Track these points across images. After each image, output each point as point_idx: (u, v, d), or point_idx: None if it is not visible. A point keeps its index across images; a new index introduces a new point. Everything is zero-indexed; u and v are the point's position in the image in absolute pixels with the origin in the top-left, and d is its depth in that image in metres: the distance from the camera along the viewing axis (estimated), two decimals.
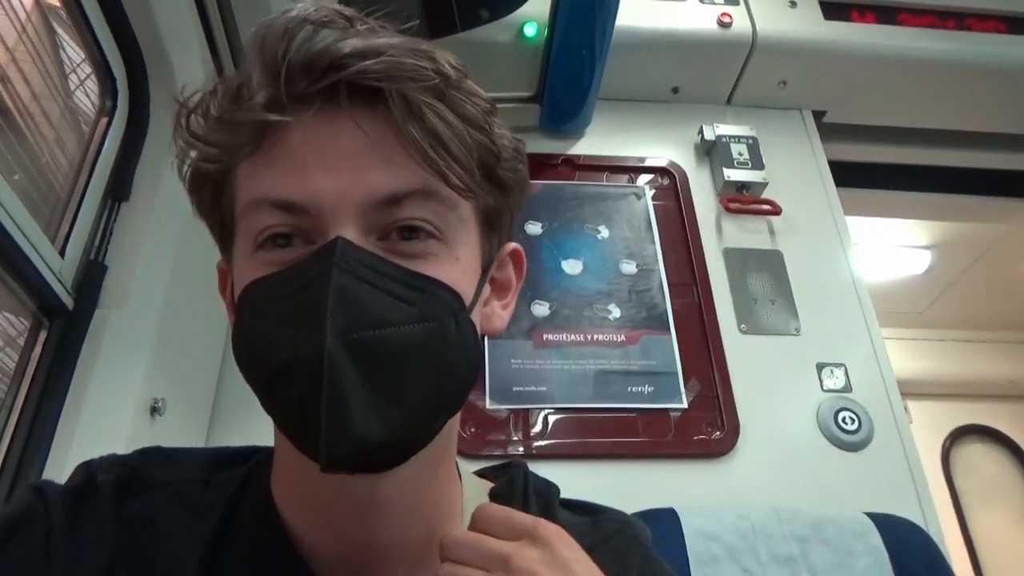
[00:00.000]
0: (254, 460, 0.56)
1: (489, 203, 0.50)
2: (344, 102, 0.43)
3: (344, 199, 0.43)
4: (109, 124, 1.10)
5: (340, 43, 0.42)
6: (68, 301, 0.95)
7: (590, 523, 0.62)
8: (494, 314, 0.54)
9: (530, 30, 1.54)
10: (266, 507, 0.52)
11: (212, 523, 0.51)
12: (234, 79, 0.45)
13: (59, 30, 1.10)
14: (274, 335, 0.43)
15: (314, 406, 0.41)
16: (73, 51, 1.11)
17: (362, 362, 0.41)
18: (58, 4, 1.06)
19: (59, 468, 0.84)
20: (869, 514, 1.18)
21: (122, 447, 0.87)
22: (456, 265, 0.47)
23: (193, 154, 0.47)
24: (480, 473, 0.64)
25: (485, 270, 0.51)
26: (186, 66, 1.16)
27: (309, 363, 0.41)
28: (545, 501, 0.61)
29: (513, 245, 0.56)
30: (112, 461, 0.53)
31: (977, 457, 3.12)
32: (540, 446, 1.27)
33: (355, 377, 0.41)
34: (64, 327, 0.94)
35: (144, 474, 0.53)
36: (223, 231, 0.50)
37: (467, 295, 0.47)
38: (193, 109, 0.46)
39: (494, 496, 0.59)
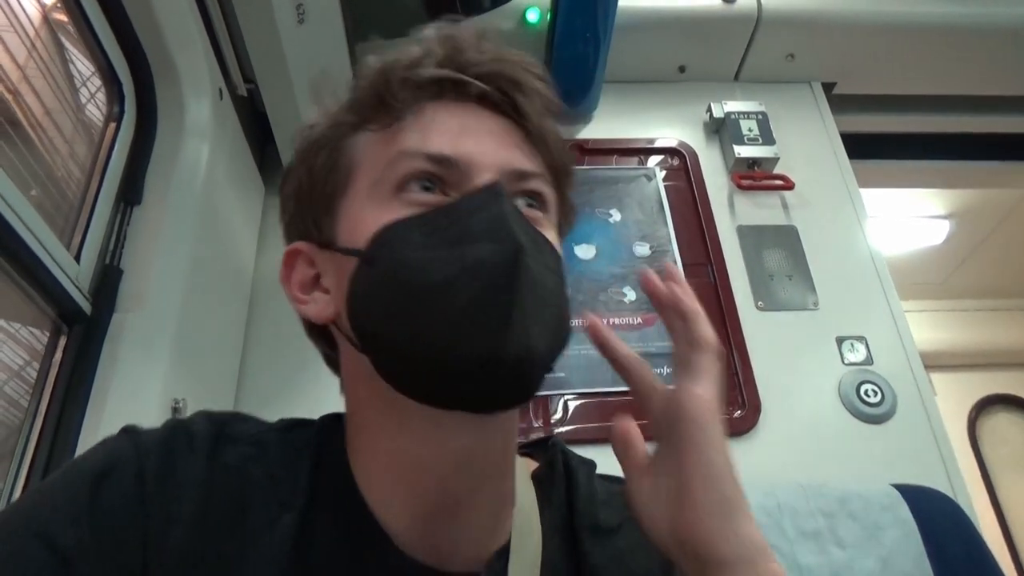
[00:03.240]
0: (315, 427, 0.57)
1: (564, 209, 0.58)
2: (497, 94, 0.52)
3: (489, 162, 0.50)
4: (118, 130, 1.11)
5: (489, 51, 0.53)
6: (86, 306, 0.96)
7: (621, 503, 0.62)
8: None
9: (533, 16, 1.53)
10: (345, 479, 0.53)
11: (300, 487, 0.52)
12: (392, 59, 0.52)
13: (67, 44, 1.11)
14: (442, 255, 0.46)
15: (507, 301, 0.44)
16: (83, 65, 1.11)
17: (529, 279, 0.45)
18: (65, 19, 1.07)
19: None
20: (896, 486, 1.17)
21: None
22: (555, 240, 0.53)
23: (314, 126, 0.54)
24: (519, 450, 0.63)
25: None
26: (191, 69, 1.17)
27: (503, 263, 0.45)
28: (588, 475, 0.63)
29: None
30: (204, 415, 0.54)
31: (1004, 427, 3.09)
32: (561, 432, 1.27)
33: (527, 289, 0.45)
34: (83, 332, 0.95)
35: (234, 429, 0.54)
36: (326, 200, 0.53)
37: None
38: (361, 74, 0.53)
39: (536, 479, 0.60)
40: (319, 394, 0.53)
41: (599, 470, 0.65)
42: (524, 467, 0.60)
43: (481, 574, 0.53)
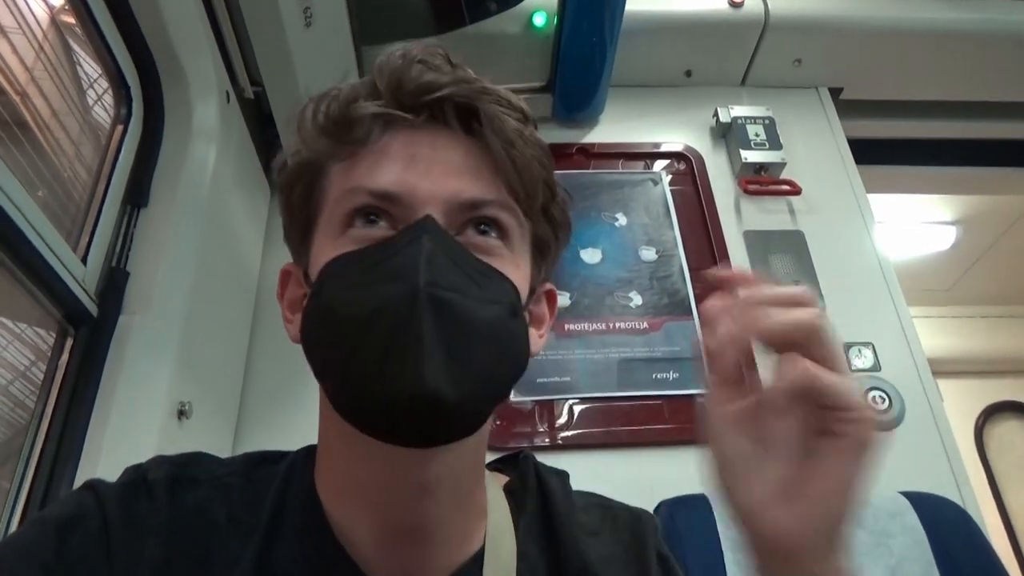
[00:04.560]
0: (289, 458, 0.58)
1: (541, 232, 0.56)
2: (450, 118, 0.51)
3: (434, 195, 0.49)
4: (125, 132, 1.11)
5: (448, 74, 0.51)
6: (92, 308, 0.96)
7: (601, 508, 0.64)
8: (531, 336, 0.56)
9: (539, 19, 1.53)
10: (312, 503, 0.54)
11: (262, 517, 0.53)
12: (347, 89, 0.52)
13: (75, 47, 1.11)
14: (360, 293, 0.46)
15: (403, 343, 0.44)
16: (90, 67, 1.12)
17: (443, 317, 0.45)
18: (73, 21, 1.07)
19: (90, 472, 0.84)
20: (905, 493, 1.16)
21: (151, 450, 0.88)
22: (516, 270, 0.52)
23: (294, 156, 0.54)
24: (489, 466, 0.64)
25: (532, 291, 0.56)
26: (198, 72, 1.17)
27: (401, 305, 0.44)
28: (562, 484, 0.63)
29: (549, 285, 0.61)
30: (160, 460, 0.55)
31: (1011, 434, 3.07)
32: (566, 436, 1.27)
33: (436, 327, 0.44)
34: (90, 334, 0.95)
35: (191, 471, 0.55)
36: (304, 229, 0.54)
37: (523, 297, 0.52)
38: (317, 105, 0.52)
39: (508, 491, 0.61)
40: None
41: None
42: (495, 481, 0.61)
43: None
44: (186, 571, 0.50)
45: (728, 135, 1.66)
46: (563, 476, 0.65)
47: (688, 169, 1.62)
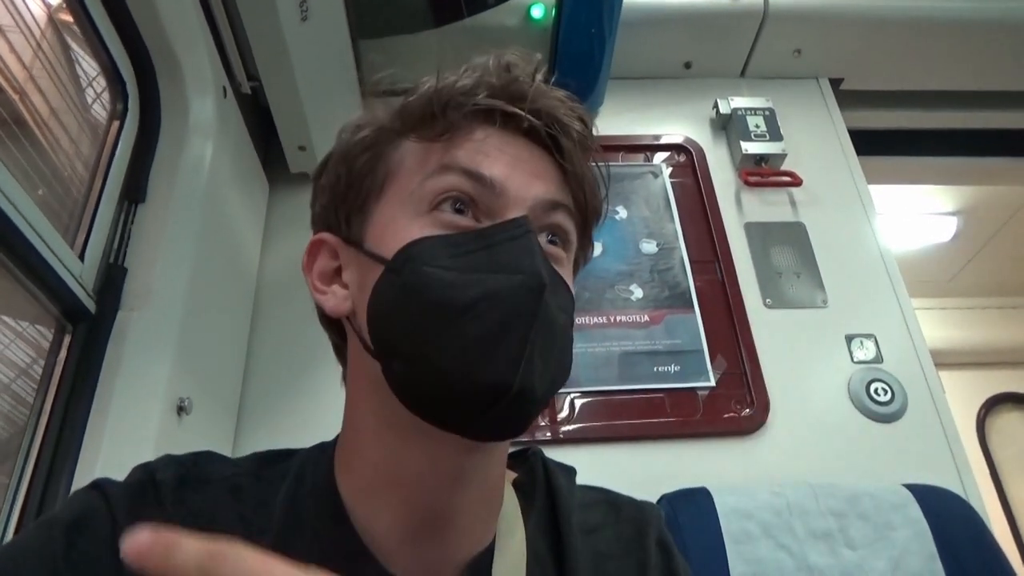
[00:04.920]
0: (300, 455, 0.58)
1: (585, 250, 0.60)
2: (542, 134, 0.53)
3: (524, 193, 0.51)
4: (121, 127, 1.10)
5: (548, 93, 0.54)
6: (90, 305, 0.96)
7: (607, 503, 0.64)
8: None
9: (537, 12, 1.52)
10: (331, 500, 0.53)
11: (274, 516, 0.52)
12: (451, 79, 0.53)
13: (73, 45, 1.10)
14: (465, 279, 0.47)
15: (521, 337, 0.45)
16: (89, 65, 1.11)
17: (546, 318, 0.47)
18: (71, 19, 1.06)
19: (90, 469, 0.84)
20: (907, 485, 1.16)
21: (151, 446, 0.88)
22: (570, 278, 0.55)
23: (364, 125, 0.55)
24: None
25: None
26: (194, 67, 1.16)
27: (525, 295, 0.46)
28: (568, 480, 0.64)
29: None
30: (168, 460, 0.55)
31: (1013, 425, 3.07)
32: (568, 430, 1.26)
33: (541, 328, 0.46)
34: (88, 330, 0.94)
35: (200, 472, 0.54)
36: (362, 199, 0.54)
37: None
38: (417, 88, 0.53)
39: (517, 487, 0.61)
40: (323, 392, 0.52)
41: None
42: (506, 477, 0.61)
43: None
44: None
45: (728, 127, 1.65)
46: (570, 472, 0.65)
47: (688, 161, 1.61)
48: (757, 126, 1.61)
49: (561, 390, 1.29)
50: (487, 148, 0.52)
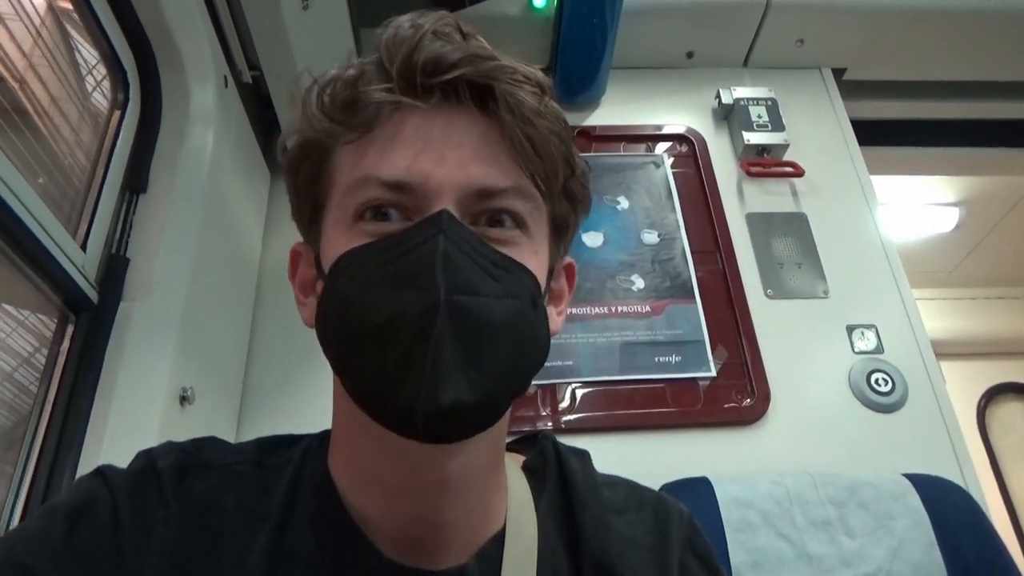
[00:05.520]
0: (303, 444, 0.58)
1: (560, 211, 0.54)
2: (464, 97, 0.48)
3: (448, 184, 0.47)
4: (122, 117, 1.10)
5: (461, 47, 0.48)
6: (93, 295, 0.96)
7: (628, 486, 0.64)
8: (551, 317, 0.55)
9: (539, 1, 1.52)
10: (327, 488, 0.53)
11: (275, 504, 0.52)
12: (354, 69, 0.50)
13: (73, 33, 1.10)
14: (376, 295, 0.45)
15: (420, 358, 0.43)
16: (89, 53, 1.11)
17: (459, 325, 0.44)
18: (70, 7, 1.06)
19: (93, 458, 0.85)
20: (907, 475, 1.16)
21: (154, 436, 0.89)
22: (535, 256, 0.50)
23: (298, 135, 0.52)
24: (508, 446, 0.64)
25: (551, 271, 0.55)
26: (195, 56, 1.16)
27: (418, 318, 0.43)
28: (583, 463, 0.63)
29: (569, 259, 0.60)
30: (170, 447, 0.55)
31: (1013, 415, 3.07)
32: (569, 420, 1.27)
33: (453, 338, 0.43)
34: (90, 321, 0.95)
35: (201, 458, 0.54)
36: (312, 211, 0.53)
37: (542, 285, 0.51)
38: (323, 87, 0.50)
39: (526, 469, 0.60)
40: (325, 380, 0.52)
41: (603, 458, 0.66)
42: (514, 461, 0.61)
43: (469, 565, 0.53)
44: (196, 559, 0.50)
45: (730, 117, 1.64)
46: (583, 456, 0.65)
47: (690, 151, 1.61)
48: (759, 116, 1.60)
49: (562, 380, 1.30)
50: (399, 139, 0.48)
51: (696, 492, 1.13)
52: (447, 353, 0.43)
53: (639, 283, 1.42)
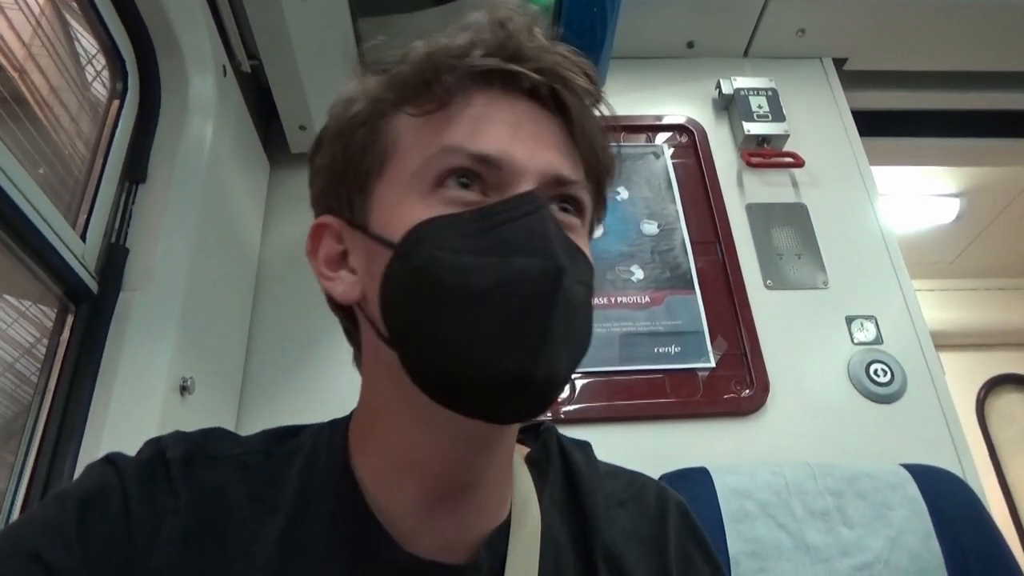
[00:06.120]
0: (310, 431, 0.57)
1: (599, 216, 0.57)
2: (546, 95, 0.51)
3: (532, 166, 0.48)
4: (121, 107, 1.09)
5: (552, 51, 0.51)
6: (92, 285, 0.96)
7: (629, 476, 0.64)
8: None
9: None
10: (347, 479, 0.53)
11: (286, 494, 0.52)
12: (443, 43, 0.50)
13: (72, 22, 1.09)
14: (478, 262, 0.45)
15: (536, 325, 0.44)
16: (88, 43, 1.10)
17: (565, 300, 0.45)
18: None
19: (94, 448, 0.85)
20: (905, 465, 1.17)
21: (154, 425, 0.89)
22: (586, 248, 0.52)
23: (348, 102, 0.53)
24: None
25: None
26: (194, 46, 1.16)
27: (538, 282, 0.44)
28: (585, 454, 0.63)
29: None
30: (179, 437, 0.54)
31: (1012, 407, 3.08)
32: (569, 411, 1.27)
33: (564, 309, 0.45)
34: (90, 310, 0.95)
35: (210, 448, 0.54)
36: (359, 179, 0.52)
37: None
38: (404, 56, 0.51)
39: (529, 461, 0.60)
40: (325, 370, 0.52)
41: (602, 448, 0.66)
42: (518, 453, 0.60)
43: (481, 555, 0.53)
44: (205, 549, 0.50)
45: (731, 107, 1.64)
46: (586, 447, 0.65)
47: (690, 142, 1.61)
48: (760, 106, 1.60)
49: None
50: (491, 120, 0.49)
51: (695, 482, 1.13)
52: (562, 322, 0.44)
53: (639, 274, 1.42)
